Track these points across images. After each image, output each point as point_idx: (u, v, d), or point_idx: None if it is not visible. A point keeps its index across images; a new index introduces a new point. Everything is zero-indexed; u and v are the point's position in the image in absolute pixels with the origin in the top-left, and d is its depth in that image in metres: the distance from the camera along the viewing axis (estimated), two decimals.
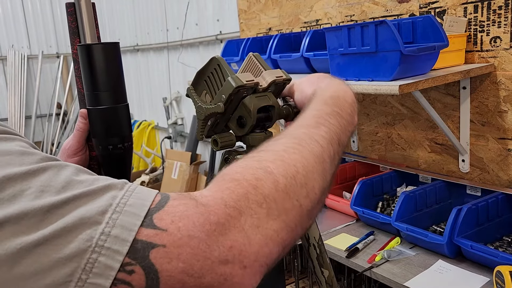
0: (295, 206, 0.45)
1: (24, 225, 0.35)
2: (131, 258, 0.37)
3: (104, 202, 0.38)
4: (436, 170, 1.58)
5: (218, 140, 0.71)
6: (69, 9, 0.71)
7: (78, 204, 0.38)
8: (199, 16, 2.89)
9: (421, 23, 1.38)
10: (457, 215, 1.20)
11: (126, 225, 0.37)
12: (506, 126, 1.35)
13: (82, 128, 0.72)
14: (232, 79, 0.67)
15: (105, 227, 0.37)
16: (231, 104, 0.70)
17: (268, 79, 0.72)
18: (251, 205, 0.42)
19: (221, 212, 0.40)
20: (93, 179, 0.41)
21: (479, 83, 1.38)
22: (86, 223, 0.37)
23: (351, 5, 1.74)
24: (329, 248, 1.35)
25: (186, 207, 0.40)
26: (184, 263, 0.38)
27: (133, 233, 0.37)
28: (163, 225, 0.38)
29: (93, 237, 0.36)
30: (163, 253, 0.37)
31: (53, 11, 4.57)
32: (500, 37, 1.31)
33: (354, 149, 1.89)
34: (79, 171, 0.41)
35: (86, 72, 0.67)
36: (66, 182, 0.39)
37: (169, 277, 0.37)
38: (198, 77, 0.74)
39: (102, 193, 0.39)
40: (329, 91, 0.64)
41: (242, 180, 0.44)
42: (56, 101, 4.36)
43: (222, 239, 0.39)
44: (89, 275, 0.35)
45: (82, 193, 0.38)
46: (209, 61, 0.72)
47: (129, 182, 0.42)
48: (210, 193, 0.42)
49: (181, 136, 3.45)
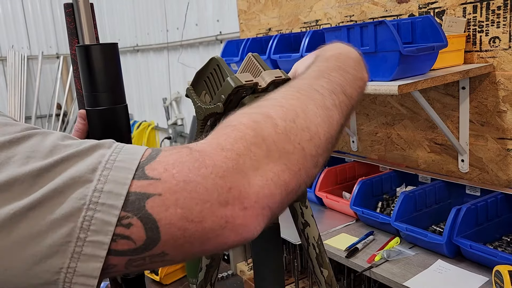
0: (297, 148, 0.44)
1: (14, 191, 0.35)
2: (127, 211, 0.36)
3: (94, 160, 0.38)
4: (435, 170, 1.58)
5: None
6: (67, 10, 0.71)
7: (67, 165, 0.37)
8: (199, 16, 2.90)
9: (420, 24, 1.39)
10: (457, 215, 1.20)
11: (118, 180, 0.37)
12: (505, 126, 1.35)
13: (81, 129, 0.72)
14: (231, 79, 0.68)
15: (97, 184, 0.36)
16: (231, 104, 0.70)
17: (267, 79, 0.72)
18: (249, 146, 0.41)
19: (217, 155, 0.39)
20: (80, 142, 0.40)
21: (478, 83, 1.39)
22: (77, 182, 0.36)
23: (351, 5, 1.74)
24: (328, 248, 1.35)
25: (179, 155, 0.39)
26: (183, 209, 0.37)
27: (126, 187, 0.37)
28: (156, 175, 0.37)
29: (86, 195, 0.36)
30: (159, 201, 0.37)
31: (53, 12, 4.57)
32: (499, 37, 1.31)
33: (353, 149, 1.89)
34: (64, 137, 0.41)
35: (84, 73, 0.67)
36: (53, 147, 0.39)
37: (169, 225, 0.37)
38: (198, 78, 0.74)
39: (90, 152, 0.39)
40: (330, 51, 0.63)
41: (239, 124, 0.43)
42: (56, 101, 4.36)
43: (220, 181, 0.38)
44: (88, 233, 0.35)
45: (69, 154, 0.38)
46: (209, 61, 0.72)
47: (116, 142, 0.42)
48: (206, 141, 0.42)
49: (181, 137, 3.45)
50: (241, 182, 0.39)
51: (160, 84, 3.61)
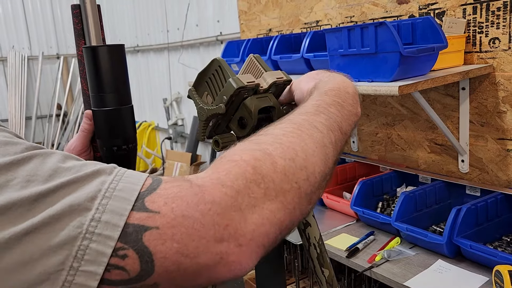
0: (294, 188, 0.45)
1: (11, 215, 0.35)
2: (123, 242, 0.36)
3: (93, 188, 0.38)
4: (435, 171, 1.59)
5: (220, 141, 0.72)
6: (75, 11, 0.71)
7: (67, 191, 0.37)
8: (199, 17, 2.90)
9: (421, 24, 1.39)
10: (457, 215, 1.21)
11: (117, 210, 0.37)
12: (505, 127, 1.36)
13: (86, 129, 0.72)
14: (233, 80, 0.68)
15: (95, 213, 0.36)
16: (232, 105, 0.71)
17: (269, 80, 0.72)
18: (249, 184, 0.41)
19: (217, 191, 0.40)
20: (81, 165, 0.40)
21: (478, 84, 1.39)
22: (76, 210, 0.36)
23: (351, 6, 1.74)
24: (329, 248, 1.35)
25: (179, 188, 0.39)
26: (179, 243, 0.37)
27: (124, 218, 0.37)
28: (156, 208, 0.38)
29: (83, 223, 0.36)
30: (156, 234, 0.37)
31: (53, 12, 4.58)
32: (499, 38, 1.31)
33: (354, 150, 1.90)
34: (66, 158, 0.41)
35: (91, 73, 0.67)
36: (53, 170, 0.38)
37: (163, 259, 0.37)
38: (200, 78, 0.74)
39: (91, 179, 0.39)
40: (330, 83, 0.64)
41: (240, 160, 0.43)
42: (56, 102, 4.36)
43: (218, 218, 0.39)
44: (81, 262, 0.35)
45: (69, 180, 0.38)
46: (210, 62, 0.72)
47: (118, 167, 0.41)
48: (207, 175, 0.42)
49: (182, 137, 3.45)
50: (238, 220, 0.40)
51: (160, 84, 3.61)
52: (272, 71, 0.75)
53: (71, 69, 4.45)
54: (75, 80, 4.40)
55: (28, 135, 4.26)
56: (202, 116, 0.71)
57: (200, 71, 0.74)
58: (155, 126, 3.86)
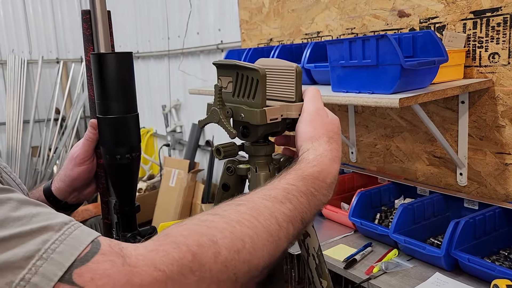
0: (231, 279, 0.45)
1: None
2: None
3: (33, 247, 0.38)
4: (434, 183, 1.59)
5: (221, 150, 0.72)
6: (85, 17, 0.70)
7: (7, 246, 0.37)
8: (200, 25, 2.92)
9: (421, 38, 1.40)
10: (455, 228, 1.21)
11: (47, 274, 0.37)
12: (503, 141, 1.36)
13: (91, 138, 0.72)
14: (260, 114, 0.65)
15: (26, 273, 0.37)
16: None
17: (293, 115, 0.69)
18: (183, 271, 0.41)
19: (147, 275, 0.40)
20: (32, 215, 0.40)
21: (477, 97, 1.40)
22: (9, 267, 0.36)
23: (352, 18, 1.76)
24: (327, 259, 1.35)
25: (110, 264, 0.39)
26: None
27: (52, 283, 0.37)
28: (81, 282, 0.38)
29: (13, 281, 0.36)
30: None
31: (54, 17, 4.58)
32: (499, 53, 1.33)
33: (352, 161, 1.90)
34: (21, 204, 0.41)
35: (98, 80, 0.67)
36: (1, 220, 0.39)
37: None
38: (231, 66, 0.70)
39: (36, 235, 0.39)
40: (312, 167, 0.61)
41: (182, 244, 0.43)
42: (55, 106, 4.36)
43: None
44: None
45: (12, 234, 0.38)
46: (254, 66, 0.67)
47: (70, 222, 0.41)
48: (145, 252, 0.42)
49: (180, 144, 3.45)
50: None
51: (160, 91, 3.62)
52: (298, 103, 0.70)
53: (70, 74, 4.45)
54: (74, 85, 4.40)
55: (26, 139, 4.25)
56: (215, 119, 0.70)
57: (237, 61, 0.70)
58: (154, 133, 3.86)
